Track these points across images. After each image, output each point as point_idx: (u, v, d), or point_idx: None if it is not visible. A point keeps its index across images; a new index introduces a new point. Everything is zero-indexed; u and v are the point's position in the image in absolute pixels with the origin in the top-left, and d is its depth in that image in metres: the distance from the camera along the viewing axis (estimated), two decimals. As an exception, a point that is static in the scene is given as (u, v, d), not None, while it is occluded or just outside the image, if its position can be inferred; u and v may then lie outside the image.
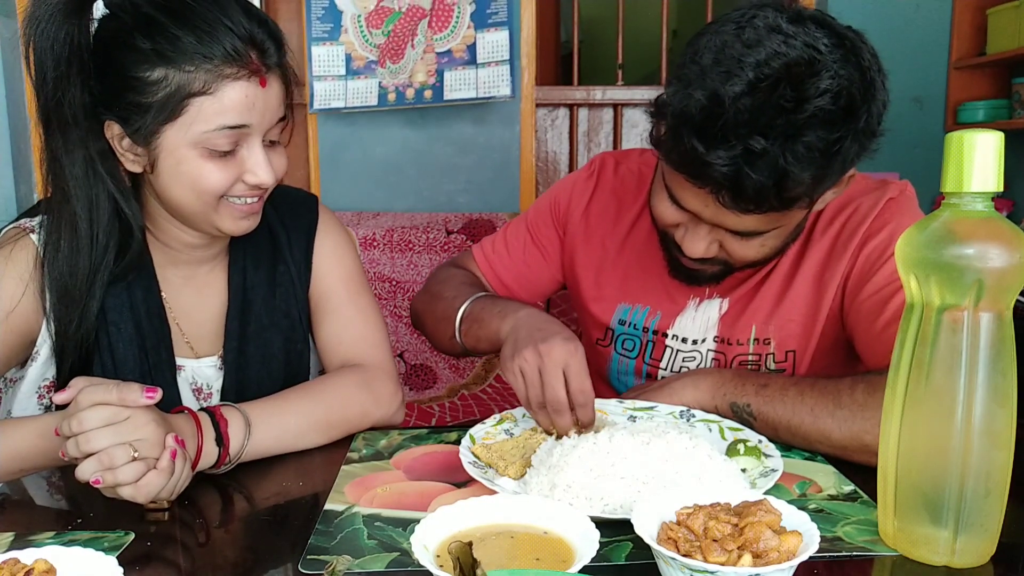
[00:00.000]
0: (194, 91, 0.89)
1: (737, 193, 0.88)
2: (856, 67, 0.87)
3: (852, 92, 0.86)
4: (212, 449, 0.89)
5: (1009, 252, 0.64)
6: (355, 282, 1.16)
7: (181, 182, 0.94)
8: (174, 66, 0.89)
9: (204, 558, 0.74)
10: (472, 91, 2.80)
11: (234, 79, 0.90)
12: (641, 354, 1.20)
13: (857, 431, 0.89)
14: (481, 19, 2.78)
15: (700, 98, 0.86)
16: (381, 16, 2.84)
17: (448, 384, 2.47)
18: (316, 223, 1.16)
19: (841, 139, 0.87)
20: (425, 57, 2.82)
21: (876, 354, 1.01)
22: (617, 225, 1.22)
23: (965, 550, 0.68)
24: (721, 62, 0.87)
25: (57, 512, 0.88)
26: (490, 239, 1.33)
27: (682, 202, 0.97)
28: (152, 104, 0.90)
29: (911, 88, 2.91)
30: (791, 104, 0.84)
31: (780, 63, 0.85)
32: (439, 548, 0.63)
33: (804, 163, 0.86)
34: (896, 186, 1.09)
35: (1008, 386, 0.67)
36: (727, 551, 0.60)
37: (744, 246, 0.99)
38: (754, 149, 0.85)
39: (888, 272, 1.01)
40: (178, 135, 0.91)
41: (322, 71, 2.88)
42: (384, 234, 2.51)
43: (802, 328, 1.10)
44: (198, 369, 1.09)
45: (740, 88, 0.85)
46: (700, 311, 1.15)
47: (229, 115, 0.91)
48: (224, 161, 0.93)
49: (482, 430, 0.96)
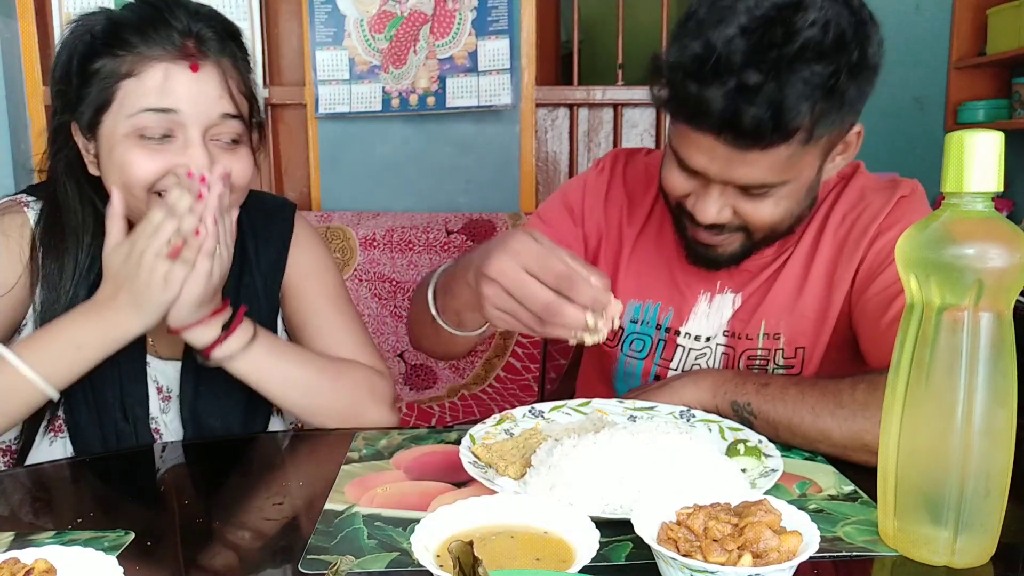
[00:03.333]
0: (122, 73, 0.92)
1: (737, 129, 0.89)
2: (844, 4, 0.91)
3: (841, 24, 0.89)
4: (216, 328, 0.95)
5: (1009, 252, 0.64)
6: (341, 298, 1.16)
7: (114, 173, 0.95)
8: (110, 55, 0.93)
9: (204, 558, 0.74)
10: (474, 99, 2.84)
11: (158, 60, 0.92)
12: (651, 354, 1.19)
13: (858, 430, 0.89)
14: (482, 27, 2.80)
15: (694, 47, 0.90)
16: (383, 21, 2.85)
17: (448, 384, 2.46)
18: (290, 232, 1.14)
19: (836, 73, 0.89)
20: (427, 63, 2.83)
21: (880, 352, 1.01)
22: (631, 221, 1.22)
23: (965, 550, 0.68)
24: (713, 13, 0.91)
25: (57, 512, 0.88)
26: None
27: (689, 160, 0.97)
28: (91, 93, 0.94)
29: (911, 88, 2.91)
30: (781, 39, 0.87)
31: (769, 4, 0.89)
32: (439, 548, 0.63)
33: (800, 95, 0.88)
34: (907, 184, 1.09)
35: (1008, 386, 0.67)
36: (727, 551, 0.60)
37: (757, 207, 0.99)
38: (748, 83, 0.87)
39: (895, 270, 1.00)
40: (113, 122, 0.93)
41: (326, 75, 2.89)
42: (384, 234, 2.51)
43: (813, 325, 1.10)
44: (161, 370, 1.08)
45: (732, 31, 0.88)
46: (713, 307, 1.15)
47: (152, 96, 0.92)
48: (154, 150, 0.93)
49: (482, 430, 0.96)
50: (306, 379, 1.02)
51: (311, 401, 1.02)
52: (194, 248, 0.91)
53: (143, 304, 0.92)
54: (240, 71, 0.99)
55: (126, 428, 1.02)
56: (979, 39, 2.84)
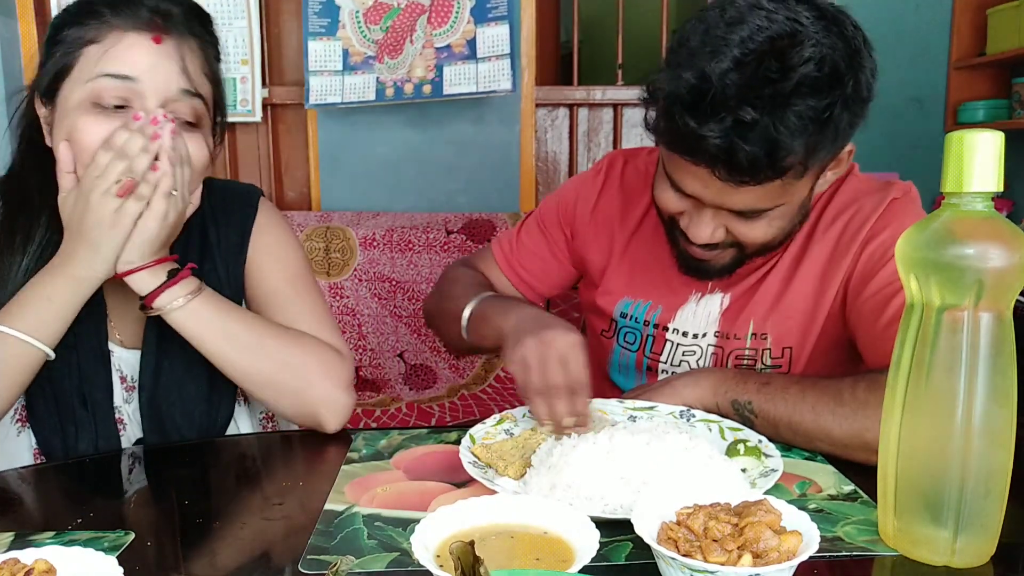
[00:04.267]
0: (85, 39, 0.94)
1: (732, 165, 0.89)
2: (839, 36, 0.90)
3: (836, 59, 0.89)
4: (161, 275, 0.95)
5: (1009, 252, 0.64)
6: (301, 279, 1.13)
7: (61, 138, 0.95)
8: (78, 24, 0.94)
9: (204, 558, 0.74)
10: (472, 85, 2.78)
11: (122, 30, 0.94)
12: (642, 348, 1.21)
13: (858, 428, 0.89)
14: (481, 14, 2.77)
15: (689, 78, 0.89)
16: (380, 12, 2.83)
17: (448, 384, 2.47)
18: (252, 218, 1.13)
19: (830, 106, 0.89)
20: (424, 52, 2.80)
21: (878, 353, 1.01)
22: (625, 221, 1.23)
23: (965, 550, 0.68)
24: (707, 43, 0.90)
25: (57, 512, 0.88)
26: (507, 236, 1.35)
27: (682, 186, 0.98)
28: (54, 58, 0.95)
29: (911, 88, 2.91)
30: (777, 75, 0.87)
31: (764, 37, 0.88)
32: (439, 548, 0.63)
33: (794, 131, 0.88)
34: (900, 187, 1.09)
35: (1008, 386, 0.67)
36: (727, 551, 0.60)
37: (751, 227, 0.99)
38: (744, 120, 0.87)
39: (890, 272, 1.01)
40: (72, 89, 0.94)
41: (318, 66, 2.86)
42: (384, 234, 2.51)
43: (801, 326, 1.10)
44: (124, 358, 1.07)
45: (727, 64, 0.88)
46: (701, 305, 1.16)
47: (112, 62, 0.93)
48: (108, 116, 0.93)
49: (482, 430, 0.96)
50: (249, 339, 0.99)
51: (254, 364, 0.99)
52: (151, 184, 0.92)
53: (97, 244, 0.92)
54: (205, 54, 1.00)
55: (85, 416, 1.01)
56: (979, 39, 2.84)
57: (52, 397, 1.00)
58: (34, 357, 0.94)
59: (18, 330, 0.93)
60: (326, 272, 2.53)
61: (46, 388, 1.00)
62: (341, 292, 2.54)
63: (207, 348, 0.99)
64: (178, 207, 0.95)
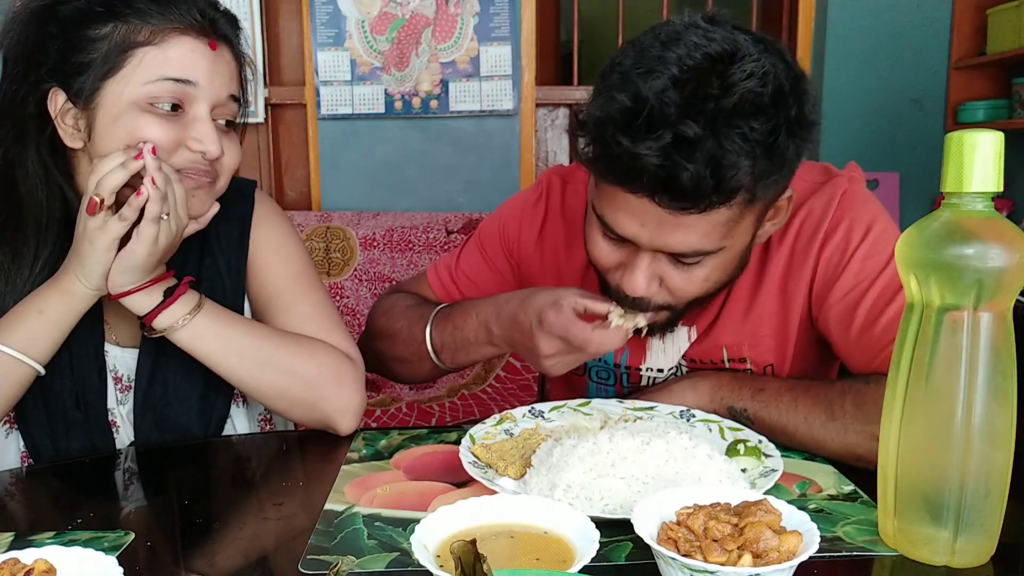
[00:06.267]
0: (139, 41, 0.90)
1: (673, 188, 0.82)
2: (779, 58, 0.85)
3: (780, 78, 0.83)
4: (157, 295, 0.94)
5: (1009, 252, 0.64)
6: (306, 276, 1.11)
7: (117, 140, 0.91)
8: (122, 19, 0.90)
9: (204, 558, 0.74)
10: (476, 104, 2.89)
11: (181, 33, 0.91)
12: (618, 382, 1.17)
13: (850, 444, 0.90)
14: (484, 33, 2.84)
15: (623, 99, 0.82)
16: (384, 22, 2.86)
17: (448, 384, 2.46)
18: (251, 212, 1.11)
19: (775, 130, 0.82)
20: (430, 66, 2.87)
21: (856, 363, 1.00)
22: (571, 256, 1.15)
23: (965, 550, 0.68)
24: (641, 64, 0.83)
25: (57, 512, 0.88)
26: (444, 262, 1.25)
27: (617, 227, 0.90)
28: (95, 60, 0.90)
29: (911, 88, 2.91)
30: (718, 91, 0.80)
31: (702, 54, 0.82)
32: (439, 548, 0.63)
33: (740, 151, 0.81)
34: (843, 176, 1.04)
35: (1008, 386, 0.67)
36: (727, 551, 0.60)
37: (687, 279, 0.93)
38: (685, 135, 0.79)
39: (852, 274, 0.98)
40: (119, 89, 0.90)
41: (328, 76, 2.90)
42: (384, 234, 2.51)
43: (775, 342, 1.07)
44: (120, 358, 1.06)
45: (663, 83, 0.81)
46: (669, 342, 1.11)
47: (173, 66, 0.90)
48: (164, 118, 0.91)
49: (482, 430, 0.96)
50: (257, 353, 0.98)
51: (266, 377, 0.98)
52: (133, 207, 0.89)
53: (82, 258, 0.91)
54: (240, 59, 1.00)
55: (77, 417, 1.00)
56: (979, 39, 2.84)
57: (43, 400, 0.99)
58: (23, 373, 0.93)
59: (7, 345, 0.92)
60: (326, 272, 2.53)
61: (36, 391, 0.98)
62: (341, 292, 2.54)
63: (215, 365, 0.98)
64: (171, 230, 0.92)
